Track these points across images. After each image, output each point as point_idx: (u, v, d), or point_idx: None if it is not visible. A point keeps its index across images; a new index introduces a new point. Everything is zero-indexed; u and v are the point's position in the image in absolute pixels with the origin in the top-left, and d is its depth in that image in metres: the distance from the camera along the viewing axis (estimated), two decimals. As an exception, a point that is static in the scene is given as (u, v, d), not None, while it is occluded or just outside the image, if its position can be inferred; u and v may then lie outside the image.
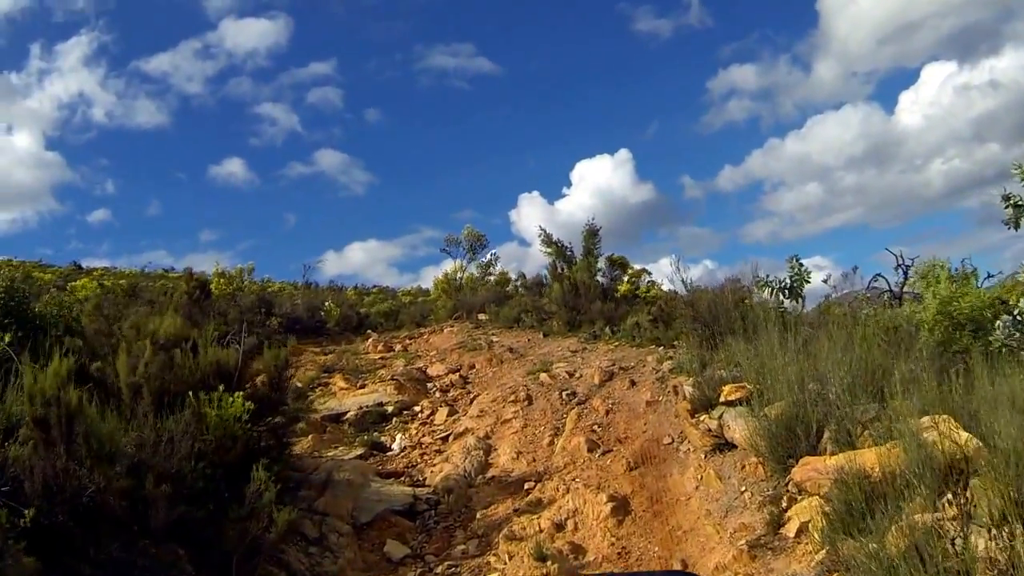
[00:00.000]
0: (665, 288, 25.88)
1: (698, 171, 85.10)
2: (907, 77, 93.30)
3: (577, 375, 16.15)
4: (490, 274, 31.24)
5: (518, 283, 29.19)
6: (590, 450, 12.84)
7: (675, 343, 16.44)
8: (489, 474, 13.27)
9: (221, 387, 10.60)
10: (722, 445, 11.25)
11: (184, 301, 24.94)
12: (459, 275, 30.19)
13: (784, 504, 9.42)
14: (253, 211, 75.47)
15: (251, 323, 25.63)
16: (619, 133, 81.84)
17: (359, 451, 15.26)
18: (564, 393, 15.22)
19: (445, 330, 25.29)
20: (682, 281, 18.29)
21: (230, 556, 9.22)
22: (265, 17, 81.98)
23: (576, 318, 21.59)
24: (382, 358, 22.64)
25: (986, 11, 73.98)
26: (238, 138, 78.46)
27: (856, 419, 9.50)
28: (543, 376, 16.36)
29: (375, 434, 16.46)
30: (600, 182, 69.36)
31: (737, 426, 10.96)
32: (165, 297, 27.11)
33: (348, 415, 17.64)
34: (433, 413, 17.13)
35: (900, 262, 16.94)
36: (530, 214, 60.90)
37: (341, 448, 15.68)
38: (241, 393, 10.89)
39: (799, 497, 9.34)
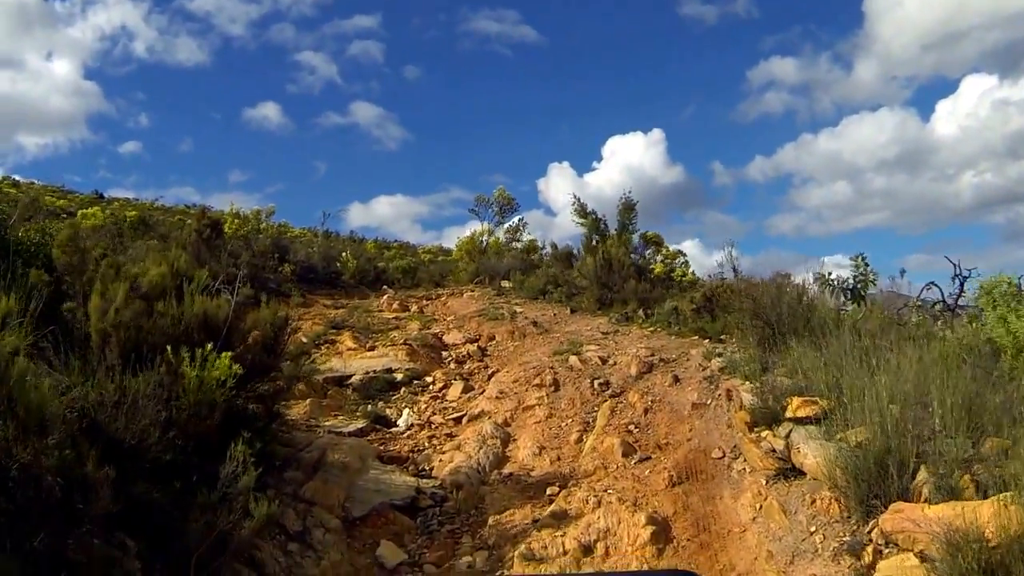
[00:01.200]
0: (692, 272, 24.15)
1: (729, 158, 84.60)
2: (947, 86, 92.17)
3: (611, 362, 14.06)
4: (517, 240, 29.04)
5: (546, 252, 26.98)
6: (625, 454, 10.82)
7: (723, 337, 14.35)
8: (506, 470, 11.27)
9: (209, 345, 8.68)
10: (788, 471, 9.17)
11: (193, 239, 23.06)
12: (484, 237, 27.97)
13: (868, 558, 7.40)
14: (284, 156, 77.47)
15: (263, 268, 23.91)
16: (654, 112, 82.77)
17: (360, 423, 13.36)
18: (596, 382, 13.15)
19: (465, 294, 23.27)
20: (733, 268, 16.27)
21: (190, 552, 7.30)
22: None
23: (608, 296, 19.50)
24: (396, 318, 20.68)
25: None
26: (276, 83, 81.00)
27: (956, 458, 7.55)
28: (572, 359, 14.28)
29: (380, 404, 14.62)
30: (631, 159, 68.34)
31: (810, 450, 8.88)
32: (177, 232, 25.33)
33: (353, 379, 15.80)
34: (446, 387, 15.20)
35: (957, 272, 14.81)
36: (559, 184, 60.08)
37: (341, 417, 13.81)
38: (229, 353, 8.87)
39: (887, 551, 7.33)
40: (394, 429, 13.40)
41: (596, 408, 12.44)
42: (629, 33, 77.38)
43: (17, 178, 43.84)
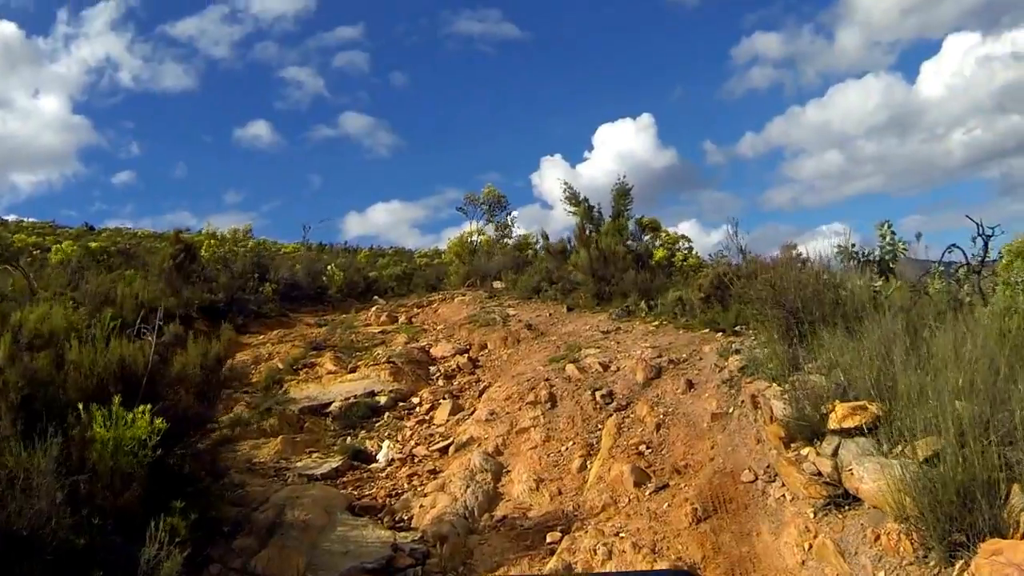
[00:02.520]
0: (696, 254, 22.08)
1: (720, 137, 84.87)
2: (930, 47, 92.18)
3: (613, 368, 12.02)
4: (508, 236, 26.89)
5: (538, 246, 24.79)
6: (637, 483, 8.81)
7: (738, 328, 12.29)
8: (499, 512, 9.25)
9: (117, 398, 6.70)
10: (839, 497, 7.14)
11: (167, 266, 21.10)
12: (475, 237, 25.86)
13: (963, 615, 5.43)
14: (278, 173, 77.98)
15: (243, 289, 21.99)
16: (642, 98, 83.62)
17: (335, 461, 11.47)
18: (598, 394, 11.13)
19: (456, 299, 21.22)
20: (740, 249, 14.23)
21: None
22: None
23: (605, 290, 17.46)
24: (383, 331, 18.70)
25: None
26: (264, 101, 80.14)
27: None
28: (569, 368, 12.24)
29: (361, 435, 12.74)
30: (622, 146, 67.60)
31: (866, 472, 6.83)
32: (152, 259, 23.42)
33: (332, 406, 13.95)
34: (433, 408, 13.28)
35: (980, 231, 12.70)
36: (552, 177, 59.41)
37: (316, 455, 11.89)
38: (147, 406, 6.93)
39: (987, 605, 5.32)
40: (373, 465, 11.45)
41: (600, 426, 10.44)
42: (610, 21, 77.17)
43: (8, 217, 42.50)
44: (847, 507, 7.00)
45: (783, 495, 7.69)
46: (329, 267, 25.41)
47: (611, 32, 77.44)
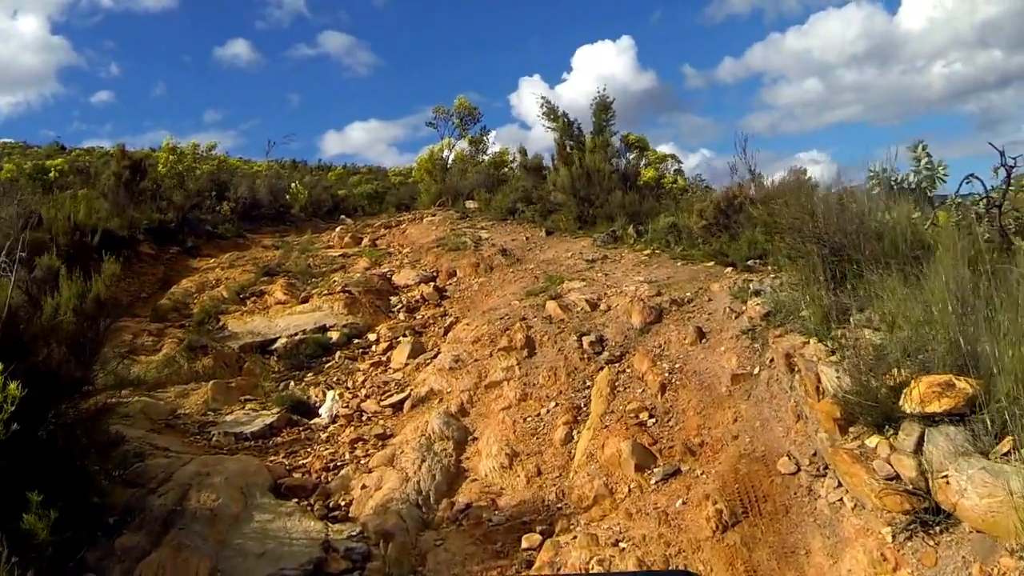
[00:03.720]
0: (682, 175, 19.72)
1: (699, 61, 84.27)
2: None
3: (603, 307, 9.72)
4: (483, 152, 24.26)
5: (515, 164, 22.22)
6: (640, 467, 6.65)
7: (751, 263, 9.98)
8: (460, 498, 7.06)
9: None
10: (926, 512, 4.93)
11: (112, 184, 18.57)
12: (446, 153, 23.24)
13: None
14: (257, 92, 76.86)
15: (198, 208, 19.57)
16: (622, 19, 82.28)
17: (271, 416, 9.41)
18: (585, 339, 8.88)
19: (425, 219, 18.77)
20: (749, 170, 11.93)
21: None
22: None
23: (588, 212, 15.10)
24: (344, 255, 16.29)
25: None
26: (244, 21, 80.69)
27: None
28: (550, 305, 9.93)
29: (308, 379, 10.65)
30: (602, 68, 66.10)
31: (970, 483, 4.64)
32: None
33: (278, 343, 11.85)
34: (391, 348, 11.11)
35: (1003, 161, 10.43)
36: (531, 98, 57.61)
37: (250, 406, 9.85)
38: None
39: None
40: (315, 421, 9.28)
41: (589, 382, 8.22)
42: None
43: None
44: (939, 528, 4.83)
45: (840, 499, 5.51)
46: (293, 185, 22.84)
47: None
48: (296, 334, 11.86)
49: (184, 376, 10.68)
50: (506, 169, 22.72)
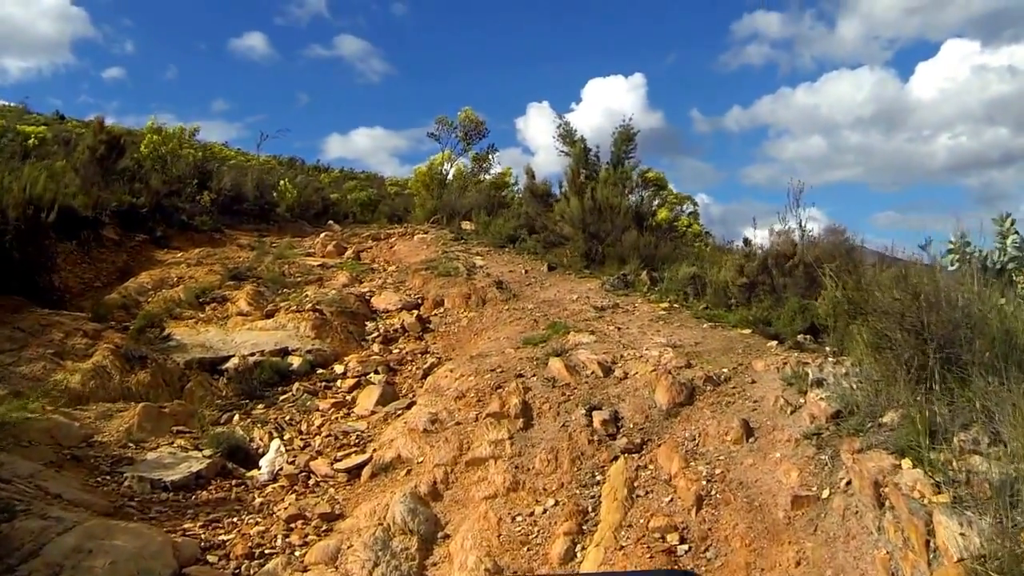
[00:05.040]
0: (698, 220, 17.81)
1: (708, 107, 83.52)
2: (928, 49, 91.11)
3: (618, 372, 7.71)
4: (486, 171, 22.19)
5: (518, 187, 20.20)
6: (671, 622, 4.63)
7: (802, 339, 7.98)
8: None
9: None
10: None
11: (85, 158, 16.56)
12: (446, 167, 21.19)
13: None
14: (267, 87, 75.59)
15: (177, 195, 17.60)
16: (637, 57, 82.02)
17: (201, 462, 7.46)
18: (596, 416, 6.86)
19: (417, 236, 16.76)
20: (800, 226, 10.05)
21: None
22: None
23: (597, 250, 13.12)
24: (323, 265, 14.31)
25: None
26: (263, 15, 79.32)
27: None
28: (555, 364, 7.90)
29: (255, 414, 8.81)
30: (611, 102, 64.75)
31: None
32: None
33: (230, 363, 9.78)
34: (358, 386, 9.24)
35: None
36: (538, 124, 56.34)
37: (181, 441, 8.14)
38: None
39: None
40: (253, 474, 7.30)
41: (600, 475, 6.20)
42: None
43: (-9, 99, 38.18)
44: None
45: None
46: (282, 182, 20.82)
47: None
48: (253, 354, 9.96)
49: (112, 392, 8.73)
50: (507, 192, 20.76)
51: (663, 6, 73.58)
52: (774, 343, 8.02)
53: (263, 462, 7.35)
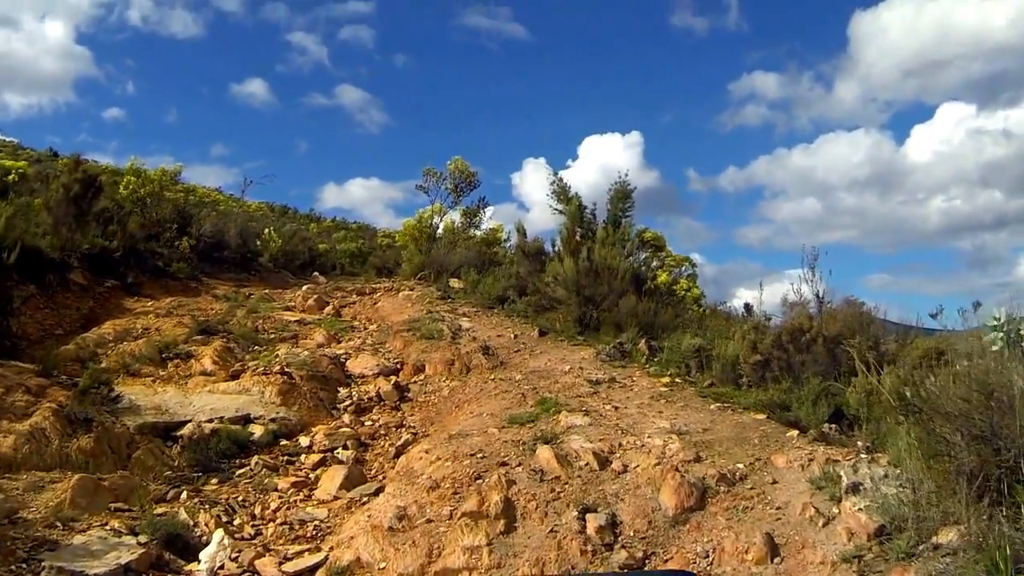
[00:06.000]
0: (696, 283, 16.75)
1: (704, 166, 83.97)
2: (924, 112, 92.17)
3: (616, 464, 6.57)
4: (476, 225, 21.11)
5: (510, 244, 19.12)
6: None
7: (828, 430, 6.88)
8: None
9: None
10: None
11: (58, 197, 15.51)
12: (435, 220, 20.13)
13: None
14: (267, 133, 76.04)
15: (155, 239, 16.60)
16: (634, 115, 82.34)
17: (132, 551, 6.33)
18: (591, 520, 5.71)
19: (402, 293, 15.71)
20: (817, 296, 9.05)
21: None
22: None
23: (592, 315, 12.06)
24: (301, 321, 13.25)
25: (1014, 62, 71.15)
26: (265, 62, 77.87)
27: None
28: (543, 453, 6.76)
29: (206, 492, 7.83)
30: (607, 159, 64.56)
31: None
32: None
33: (186, 429, 8.56)
34: (323, 463, 8.20)
35: None
36: (533, 179, 55.82)
37: (117, 522, 7.20)
38: None
39: None
40: (192, 569, 6.13)
41: (594, 600, 5.09)
42: (617, 37, 76.18)
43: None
44: None
45: None
46: (266, 230, 19.80)
47: (615, 47, 76.88)
48: (212, 420, 8.90)
49: (49, 459, 7.60)
50: (499, 249, 19.73)
51: (661, 65, 73.63)
52: (795, 432, 6.92)
53: (203, 555, 6.21)
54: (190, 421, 8.79)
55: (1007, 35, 71.37)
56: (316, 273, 20.02)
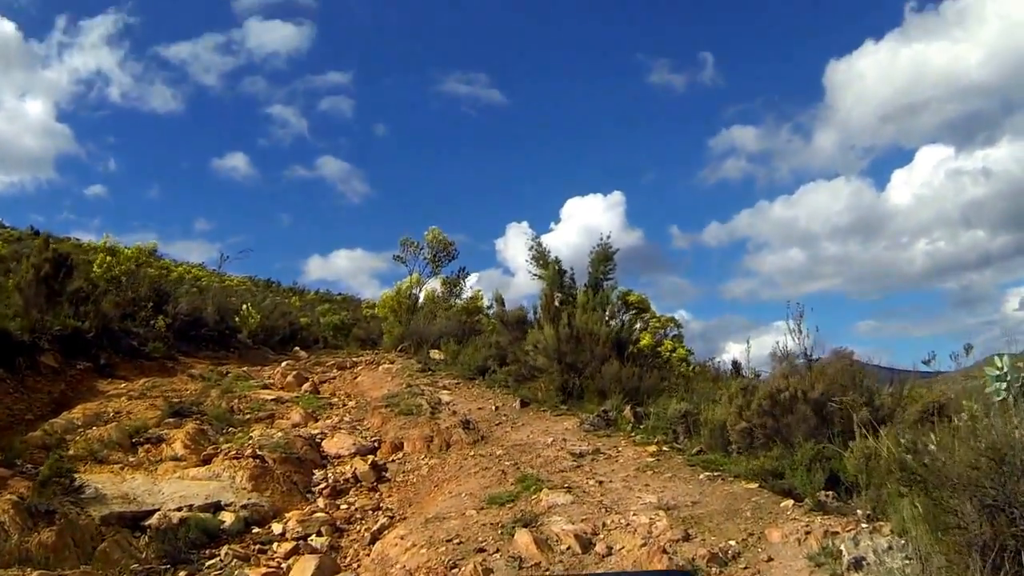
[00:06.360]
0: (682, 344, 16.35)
1: (687, 223, 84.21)
2: (903, 156, 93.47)
3: (600, 547, 6.09)
4: (457, 294, 20.78)
5: (491, 310, 18.73)
6: None
7: (824, 498, 6.45)
8: None
9: None
10: None
11: (29, 278, 15.13)
12: (415, 291, 19.79)
13: None
14: (249, 207, 75.54)
15: (131, 318, 16.22)
16: (615, 175, 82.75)
17: None
18: (574, 612, 5.34)
19: (382, 366, 15.33)
20: (806, 355, 8.73)
21: None
22: (291, 22, 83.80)
23: (575, 383, 11.69)
24: (278, 400, 12.82)
25: (989, 101, 71.84)
26: (246, 135, 77.27)
27: None
28: (522, 538, 6.31)
29: None
30: (590, 221, 64.38)
31: None
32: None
33: (154, 518, 8.05)
34: (296, 551, 7.71)
35: None
36: (516, 244, 55.58)
37: None
38: None
39: None
40: None
41: None
42: (595, 98, 76.86)
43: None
44: None
45: None
46: (244, 306, 19.38)
47: (594, 108, 77.50)
48: (181, 508, 8.39)
49: (7, 556, 7.09)
50: (480, 317, 19.37)
51: (641, 124, 74.21)
52: (789, 502, 6.50)
53: (159, 667, 5.77)
54: (158, 510, 8.31)
55: (980, 74, 72.50)
56: (297, 348, 19.63)
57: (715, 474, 7.66)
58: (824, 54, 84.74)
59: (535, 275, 14.82)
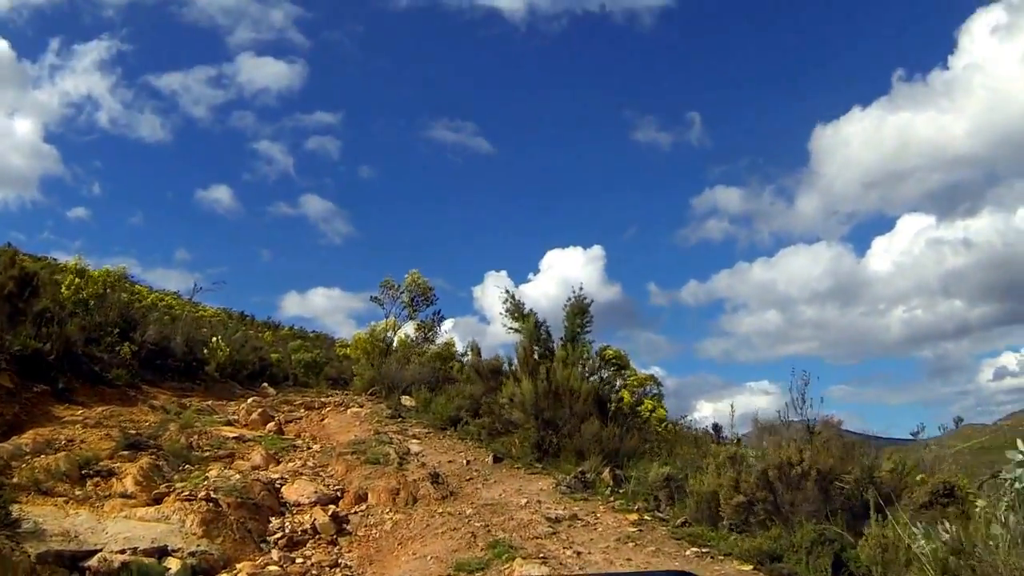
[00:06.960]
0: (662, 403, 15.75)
1: (665, 280, 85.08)
2: (884, 224, 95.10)
3: None
4: (431, 340, 20.10)
5: (466, 358, 18.03)
6: None
7: None
8: None
9: None
10: None
11: (-9, 296, 14.38)
12: (389, 334, 19.14)
13: None
14: (231, 240, 74.43)
15: (95, 343, 15.48)
16: (597, 229, 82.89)
17: None
18: None
19: (351, 410, 14.64)
20: (807, 427, 8.17)
21: None
22: (283, 60, 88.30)
23: (552, 441, 11.05)
24: (239, 438, 12.13)
25: (972, 172, 73.54)
26: (232, 169, 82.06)
27: None
28: None
29: None
30: (569, 273, 64.29)
31: None
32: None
33: (93, 560, 7.36)
34: (244, 610, 6.81)
35: None
36: (494, 293, 54.97)
37: None
38: None
39: None
40: None
41: None
42: (581, 152, 78.08)
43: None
44: None
45: None
46: (213, 338, 18.62)
47: (579, 162, 78.10)
48: (124, 551, 7.67)
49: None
50: (453, 364, 18.68)
51: (625, 179, 75.30)
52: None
53: None
54: (100, 551, 7.61)
55: (965, 145, 74.11)
56: (266, 384, 18.91)
57: (703, 551, 7.06)
58: (811, 118, 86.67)
59: (511, 328, 14.11)
